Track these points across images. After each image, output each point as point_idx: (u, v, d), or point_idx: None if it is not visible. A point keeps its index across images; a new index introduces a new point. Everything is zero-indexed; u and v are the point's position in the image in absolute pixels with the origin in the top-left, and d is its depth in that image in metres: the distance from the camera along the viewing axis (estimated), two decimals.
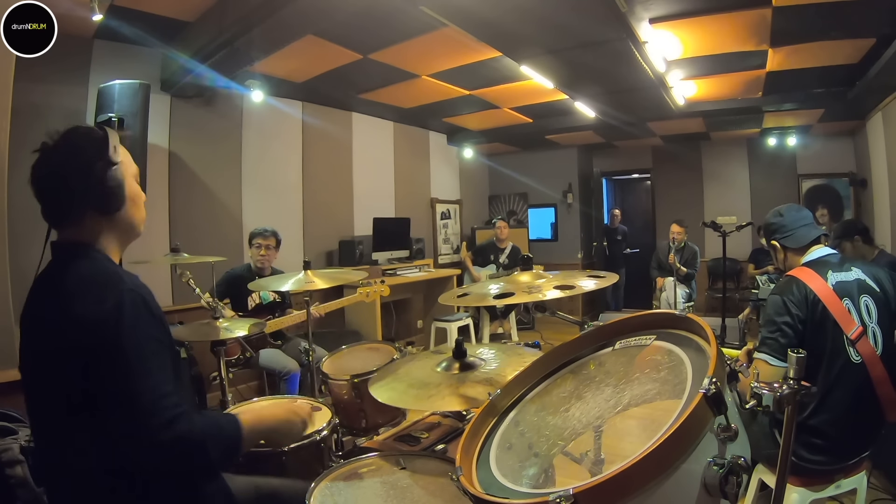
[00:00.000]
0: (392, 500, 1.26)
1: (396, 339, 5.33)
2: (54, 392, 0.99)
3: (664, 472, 0.73)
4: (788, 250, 1.90)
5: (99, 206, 1.08)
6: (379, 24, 3.40)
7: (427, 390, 1.44)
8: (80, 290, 0.99)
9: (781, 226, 1.90)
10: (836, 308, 1.67)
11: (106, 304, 0.96)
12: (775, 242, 1.93)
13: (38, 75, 2.91)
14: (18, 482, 1.58)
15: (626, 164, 8.10)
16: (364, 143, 5.75)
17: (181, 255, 2.49)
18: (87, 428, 0.96)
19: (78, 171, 1.05)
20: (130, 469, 0.97)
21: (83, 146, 1.08)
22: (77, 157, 1.07)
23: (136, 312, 0.98)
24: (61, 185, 1.05)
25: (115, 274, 1.03)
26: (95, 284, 1.00)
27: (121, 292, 0.98)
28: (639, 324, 1.16)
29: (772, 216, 1.94)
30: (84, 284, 1.00)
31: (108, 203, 1.09)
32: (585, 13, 3.15)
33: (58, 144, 1.08)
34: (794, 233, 1.87)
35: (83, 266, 1.03)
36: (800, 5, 3.04)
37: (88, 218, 1.08)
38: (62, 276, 1.03)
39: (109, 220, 1.11)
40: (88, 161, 1.07)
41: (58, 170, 1.06)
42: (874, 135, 5.30)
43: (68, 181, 1.05)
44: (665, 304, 5.41)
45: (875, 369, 1.65)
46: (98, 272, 1.03)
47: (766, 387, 0.84)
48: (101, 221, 1.10)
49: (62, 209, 1.08)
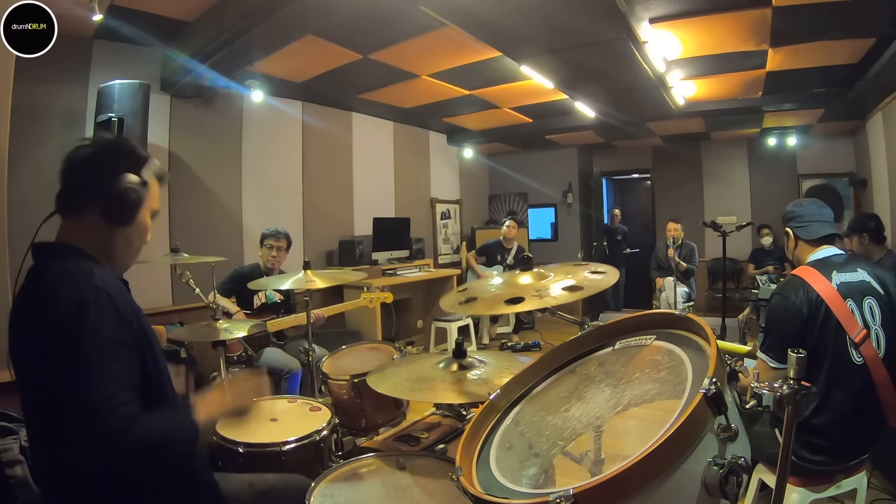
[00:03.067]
0: (392, 500, 1.26)
1: (396, 339, 5.33)
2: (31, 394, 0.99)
3: (664, 472, 0.73)
4: (800, 240, 1.91)
5: (107, 210, 1.08)
6: (379, 24, 3.40)
7: (424, 383, 1.44)
8: (49, 290, 0.98)
9: (798, 215, 1.92)
10: (840, 309, 1.67)
11: (68, 303, 0.94)
12: (789, 230, 1.95)
13: (38, 75, 2.91)
14: (18, 482, 1.58)
15: (626, 164, 8.09)
16: (364, 143, 5.75)
17: (181, 255, 2.49)
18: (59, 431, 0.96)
19: (105, 168, 1.09)
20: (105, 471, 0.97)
21: (123, 152, 1.13)
22: (113, 156, 1.11)
23: (98, 311, 0.95)
24: (85, 173, 1.08)
25: (85, 270, 1.01)
26: (62, 284, 0.98)
27: (84, 289, 0.96)
28: (639, 324, 1.15)
29: (793, 205, 1.97)
30: (53, 284, 0.99)
31: (117, 213, 1.09)
32: (585, 13, 3.15)
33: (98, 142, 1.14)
34: (809, 225, 1.88)
35: (57, 266, 1.03)
36: (800, 5, 3.04)
37: (90, 216, 1.08)
38: (39, 277, 1.03)
39: (109, 230, 1.10)
40: (121, 165, 1.10)
41: (90, 158, 1.09)
42: (874, 135, 5.30)
43: (91, 171, 1.08)
44: (665, 304, 5.41)
45: (877, 372, 1.64)
46: (69, 271, 1.01)
47: (766, 387, 0.84)
48: (100, 226, 1.09)
49: (73, 196, 1.10)
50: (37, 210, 1.09)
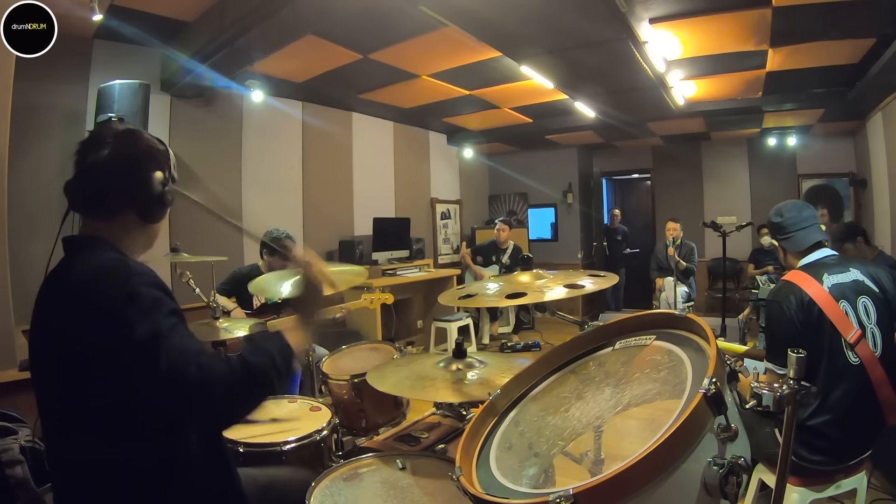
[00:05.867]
0: (392, 500, 1.26)
1: (396, 339, 5.32)
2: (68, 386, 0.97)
3: (664, 472, 0.73)
4: (788, 251, 1.91)
5: (143, 211, 1.09)
6: (379, 24, 3.40)
7: (424, 382, 1.45)
8: (90, 281, 0.97)
9: (781, 227, 1.89)
10: (834, 312, 1.66)
11: (118, 293, 0.94)
12: (775, 242, 1.96)
13: (38, 75, 2.90)
14: (18, 482, 1.58)
15: (626, 164, 8.09)
16: (364, 143, 5.75)
17: (181, 254, 2.49)
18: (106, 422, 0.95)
19: (138, 172, 1.07)
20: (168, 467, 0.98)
21: (150, 151, 1.10)
22: (143, 159, 1.08)
23: (150, 292, 0.96)
24: (115, 178, 1.05)
25: (121, 262, 1.02)
26: (104, 274, 0.98)
27: (128, 278, 0.96)
28: (639, 324, 1.15)
29: (773, 215, 1.93)
30: (93, 275, 0.98)
31: (154, 213, 1.11)
32: (585, 13, 3.15)
33: (123, 138, 1.08)
34: (794, 235, 1.86)
35: (93, 259, 1.01)
36: (800, 5, 3.04)
37: (126, 218, 1.08)
38: (73, 270, 1.01)
39: (143, 228, 1.12)
40: (153, 167, 1.09)
41: (118, 162, 1.06)
42: (874, 135, 5.30)
43: (124, 177, 1.06)
44: (665, 304, 5.42)
45: (875, 372, 1.64)
46: (106, 262, 1.01)
47: (766, 387, 0.85)
48: (136, 226, 1.10)
49: (103, 199, 1.06)
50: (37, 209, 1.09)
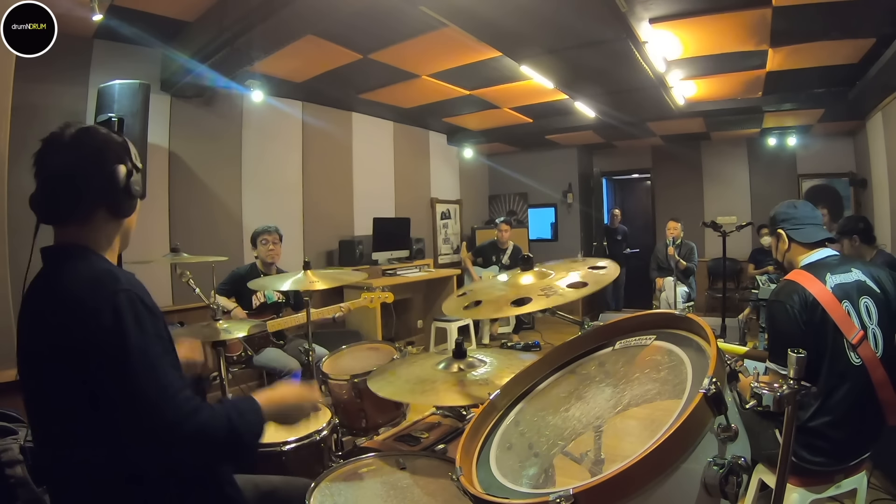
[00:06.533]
0: (392, 500, 1.26)
1: (396, 339, 5.32)
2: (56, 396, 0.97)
3: (664, 473, 0.73)
4: (793, 242, 1.86)
5: (113, 208, 1.08)
6: (379, 24, 3.40)
7: (425, 385, 1.44)
8: (77, 293, 0.97)
9: (793, 217, 1.87)
10: (837, 312, 1.66)
11: (104, 307, 0.94)
12: (782, 231, 1.88)
13: (38, 75, 2.90)
14: (18, 482, 1.58)
15: (625, 164, 8.09)
16: (364, 143, 5.75)
17: (181, 255, 2.49)
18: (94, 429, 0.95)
19: (100, 170, 1.05)
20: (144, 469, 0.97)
21: (107, 146, 1.08)
22: (102, 155, 1.06)
23: (135, 311, 0.96)
24: (80, 181, 1.04)
25: (110, 273, 1.01)
26: (91, 286, 0.97)
27: (116, 293, 0.96)
28: (639, 324, 1.15)
29: (785, 206, 1.91)
30: (80, 287, 0.98)
31: (124, 207, 1.10)
32: (585, 13, 3.15)
33: (78, 140, 1.05)
34: (805, 228, 1.85)
35: (78, 268, 1.01)
36: (800, 5, 3.04)
37: (98, 218, 1.07)
38: (58, 280, 1.00)
39: (117, 224, 1.11)
40: (113, 161, 1.07)
41: (78, 165, 1.04)
42: (874, 135, 5.30)
43: (88, 178, 1.04)
44: (665, 303, 5.42)
45: (876, 372, 1.64)
46: (93, 273, 1.00)
47: (766, 387, 0.85)
48: (109, 223, 1.10)
49: (73, 205, 1.05)
50: None
